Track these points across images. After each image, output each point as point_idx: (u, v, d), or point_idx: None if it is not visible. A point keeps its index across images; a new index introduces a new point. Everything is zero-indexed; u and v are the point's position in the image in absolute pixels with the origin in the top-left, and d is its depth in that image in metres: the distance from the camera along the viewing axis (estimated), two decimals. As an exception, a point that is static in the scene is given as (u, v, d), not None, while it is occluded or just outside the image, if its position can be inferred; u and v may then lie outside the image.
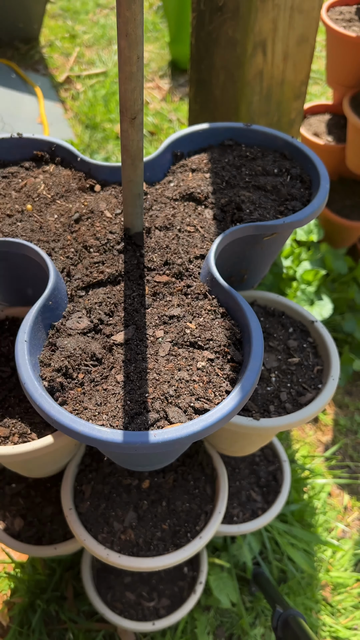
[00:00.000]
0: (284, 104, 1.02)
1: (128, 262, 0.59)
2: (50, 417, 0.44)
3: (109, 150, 2.03)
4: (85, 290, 0.58)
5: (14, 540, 0.83)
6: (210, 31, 0.90)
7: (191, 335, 0.52)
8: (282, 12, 0.86)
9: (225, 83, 0.94)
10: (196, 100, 1.02)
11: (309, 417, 0.61)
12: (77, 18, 2.78)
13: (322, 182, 0.63)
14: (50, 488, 0.89)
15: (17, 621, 0.97)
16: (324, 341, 0.68)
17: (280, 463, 0.98)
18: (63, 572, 1.02)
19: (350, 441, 1.36)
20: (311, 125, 1.55)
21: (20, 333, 0.49)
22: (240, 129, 0.72)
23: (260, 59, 0.89)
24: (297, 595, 1.05)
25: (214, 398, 0.47)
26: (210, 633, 1.01)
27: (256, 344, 0.48)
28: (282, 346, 0.69)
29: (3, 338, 0.68)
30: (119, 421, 0.45)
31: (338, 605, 1.08)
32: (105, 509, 0.73)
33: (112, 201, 0.65)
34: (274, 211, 0.63)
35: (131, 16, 0.42)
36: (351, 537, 1.19)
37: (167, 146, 0.71)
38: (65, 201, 0.67)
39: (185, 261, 0.59)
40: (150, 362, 0.50)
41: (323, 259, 1.49)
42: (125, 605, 0.90)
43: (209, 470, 0.79)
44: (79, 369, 0.50)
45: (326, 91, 2.37)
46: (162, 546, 0.71)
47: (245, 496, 0.94)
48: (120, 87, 0.48)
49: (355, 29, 1.22)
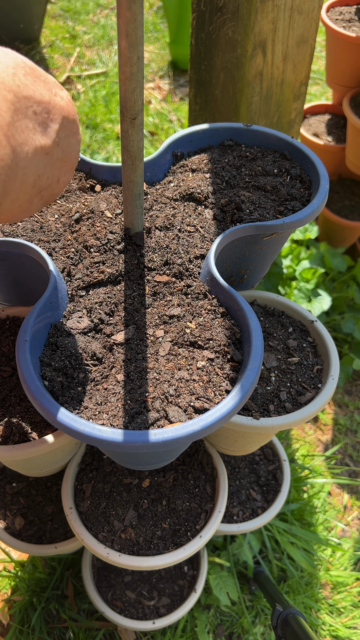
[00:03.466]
0: (283, 104, 1.02)
1: (128, 262, 0.60)
2: (51, 417, 0.44)
3: (110, 151, 2.03)
4: (85, 290, 0.58)
5: (15, 539, 0.84)
6: (210, 32, 0.90)
7: (191, 334, 0.52)
8: (282, 13, 0.86)
9: (225, 83, 0.94)
10: (196, 101, 1.03)
11: (309, 416, 0.61)
12: (77, 18, 2.78)
13: (321, 182, 0.64)
14: (50, 487, 0.90)
15: (17, 619, 0.97)
16: (323, 341, 0.69)
17: (280, 462, 0.98)
18: (63, 571, 1.02)
19: (350, 440, 1.36)
20: (311, 125, 1.56)
21: (21, 332, 0.49)
22: (240, 129, 0.73)
23: (260, 59, 0.90)
24: (296, 594, 1.06)
25: (214, 397, 0.47)
26: (211, 632, 1.01)
27: (256, 344, 0.48)
28: (281, 346, 0.69)
29: (4, 338, 0.69)
30: (119, 420, 0.45)
31: (338, 604, 1.08)
32: (105, 508, 0.73)
33: (112, 201, 0.66)
34: (274, 211, 0.63)
35: (131, 17, 0.43)
36: (351, 536, 1.19)
37: (167, 146, 0.71)
38: (65, 201, 0.67)
39: (185, 261, 0.59)
40: (151, 361, 0.51)
41: (322, 257, 1.49)
42: (125, 604, 0.90)
43: (209, 469, 0.79)
44: (80, 369, 0.51)
45: (326, 91, 2.37)
46: (162, 545, 0.71)
47: (245, 495, 0.94)
48: (121, 88, 0.49)
49: (355, 29, 1.22)
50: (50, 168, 0.39)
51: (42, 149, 0.37)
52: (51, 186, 0.40)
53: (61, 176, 0.41)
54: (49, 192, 0.41)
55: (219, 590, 1.00)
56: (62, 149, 0.40)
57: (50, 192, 0.41)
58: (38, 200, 0.40)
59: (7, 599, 1.01)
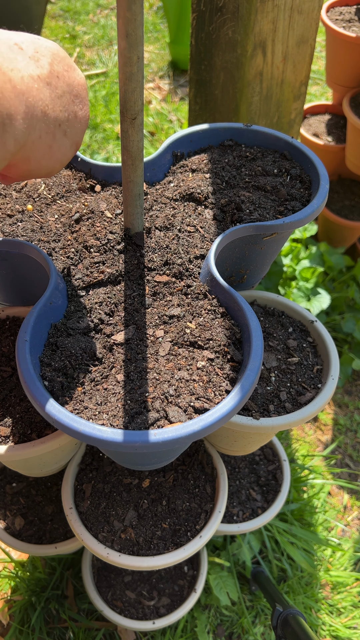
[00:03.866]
0: (283, 104, 1.02)
1: (128, 262, 0.60)
2: (51, 417, 0.44)
3: (110, 151, 2.03)
4: (85, 290, 0.58)
5: (15, 539, 0.84)
6: (210, 32, 0.90)
7: (191, 335, 0.52)
8: (282, 13, 0.86)
9: (225, 83, 0.94)
10: (196, 101, 1.03)
11: (309, 416, 0.61)
12: (77, 19, 2.78)
13: (321, 182, 0.64)
14: (50, 487, 0.90)
15: (17, 619, 0.97)
16: (323, 341, 0.69)
17: (280, 462, 0.98)
18: (63, 571, 1.02)
19: (350, 440, 1.36)
20: (311, 125, 1.56)
21: (21, 333, 0.49)
22: (240, 129, 0.73)
23: (260, 59, 0.90)
24: (296, 594, 1.06)
25: (214, 397, 0.47)
26: (211, 632, 1.01)
27: (256, 344, 0.48)
28: (281, 346, 0.69)
29: (4, 338, 0.69)
30: (119, 420, 0.45)
31: (338, 604, 1.08)
32: (105, 508, 0.73)
33: (112, 201, 0.66)
34: (274, 211, 0.63)
35: (131, 17, 0.43)
36: (351, 536, 1.19)
37: (167, 146, 0.71)
38: (65, 201, 0.67)
39: (185, 261, 0.59)
40: (151, 361, 0.51)
41: (322, 256, 1.49)
42: (125, 604, 0.90)
43: (209, 470, 0.79)
44: (80, 369, 0.51)
45: (326, 91, 2.37)
46: (162, 545, 0.71)
47: (245, 495, 0.94)
48: (121, 88, 0.49)
49: (355, 30, 1.22)
50: (59, 101, 0.41)
51: (39, 78, 0.39)
52: (70, 121, 0.42)
53: (78, 111, 0.43)
54: (71, 128, 0.43)
55: (219, 590, 1.00)
56: (65, 82, 0.42)
57: (72, 127, 0.43)
58: (61, 136, 0.42)
59: (7, 598, 1.01)
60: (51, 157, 0.42)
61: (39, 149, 0.40)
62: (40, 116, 0.39)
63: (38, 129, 0.39)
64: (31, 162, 0.40)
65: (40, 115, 0.39)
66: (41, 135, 0.39)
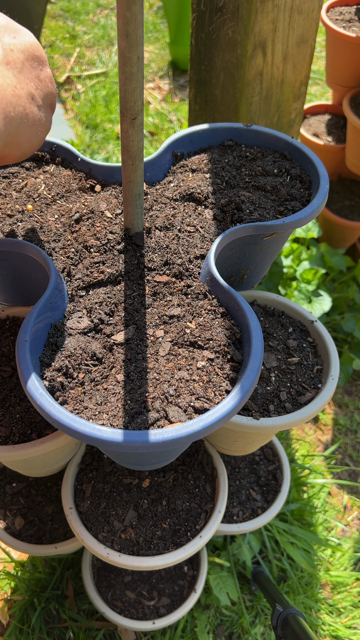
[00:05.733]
0: (283, 104, 1.02)
1: (128, 262, 0.60)
2: (51, 417, 0.44)
3: (110, 151, 2.03)
4: (85, 290, 0.58)
5: (15, 540, 0.84)
6: (210, 32, 0.90)
7: (191, 335, 0.52)
8: (282, 13, 0.86)
9: (225, 83, 0.94)
10: (196, 101, 1.03)
11: (309, 416, 0.61)
12: (77, 18, 2.78)
13: (321, 182, 0.64)
14: (50, 487, 0.90)
15: (17, 619, 0.97)
16: (323, 341, 0.69)
17: (280, 462, 0.98)
18: (63, 571, 1.02)
19: (350, 440, 1.36)
20: (311, 125, 1.56)
21: (21, 333, 0.49)
22: (240, 129, 0.73)
23: (260, 59, 0.90)
24: (296, 594, 1.06)
25: (214, 397, 0.47)
26: (210, 632, 1.01)
27: (256, 344, 0.48)
28: (281, 346, 0.69)
29: (4, 338, 0.69)
30: (119, 420, 0.45)
31: (338, 604, 1.08)
32: (105, 508, 0.73)
33: (112, 201, 0.66)
34: (274, 211, 0.63)
35: (131, 17, 0.43)
36: (351, 536, 1.19)
37: (167, 146, 0.71)
38: (65, 201, 0.67)
39: (185, 261, 0.59)
40: (151, 361, 0.51)
41: (322, 257, 1.49)
42: (125, 604, 0.90)
43: (209, 470, 0.79)
44: (80, 369, 0.50)
45: (326, 91, 2.37)
46: (162, 545, 0.71)
47: (245, 495, 0.94)
48: (121, 88, 0.49)
49: (355, 30, 1.22)
50: (22, 76, 0.41)
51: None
52: (39, 88, 0.44)
53: (40, 73, 0.44)
54: (40, 92, 0.44)
55: (218, 591, 1.00)
56: (19, 49, 0.42)
57: (41, 91, 0.44)
58: (37, 110, 0.43)
59: (7, 598, 1.01)
60: (36, 133, 0.43)
61: (23, 133, 0.41)
62: (15, 104, 0.39)
63: (16, 119, 0.39)
64: (22, 146, 0.42)
65: (15, 102, 0.39)
66: (21, 122, 0.40)
